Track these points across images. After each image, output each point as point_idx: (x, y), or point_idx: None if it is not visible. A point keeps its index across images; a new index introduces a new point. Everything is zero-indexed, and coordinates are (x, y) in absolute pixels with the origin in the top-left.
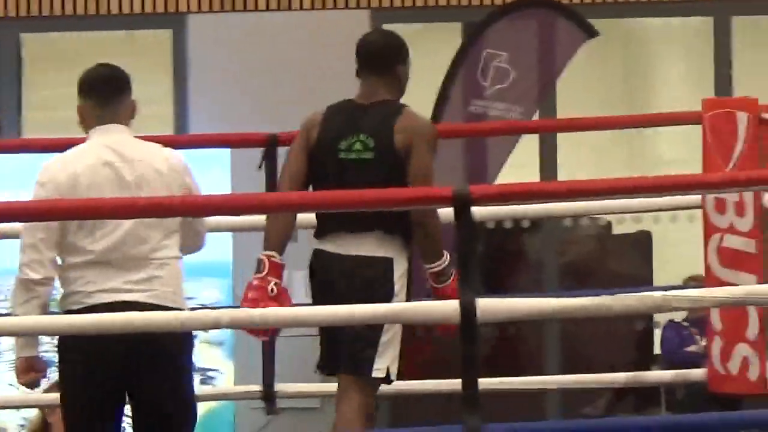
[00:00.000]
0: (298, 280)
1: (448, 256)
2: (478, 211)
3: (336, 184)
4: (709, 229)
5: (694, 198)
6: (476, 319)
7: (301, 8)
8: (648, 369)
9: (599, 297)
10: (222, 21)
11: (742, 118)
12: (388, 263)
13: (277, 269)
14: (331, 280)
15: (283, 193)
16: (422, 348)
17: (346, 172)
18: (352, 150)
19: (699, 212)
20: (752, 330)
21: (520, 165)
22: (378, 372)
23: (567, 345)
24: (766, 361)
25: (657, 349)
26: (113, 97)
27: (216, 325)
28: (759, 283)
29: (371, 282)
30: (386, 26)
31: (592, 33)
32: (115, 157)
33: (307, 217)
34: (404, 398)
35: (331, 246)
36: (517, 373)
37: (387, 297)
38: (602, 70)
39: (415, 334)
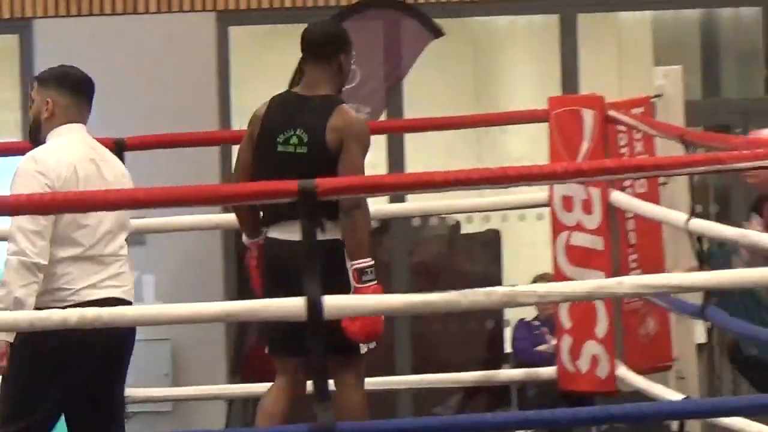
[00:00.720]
0: (148, 283)
1: (371, 259)
2: None
3: (274, 175)
4: (556, 227)
5: (542, 196)
6: (322, 316)
7: (147, 12)
8: (499, 368)
9: (447, 293)
10: (68, 25)
11: (588, 115)
12: (337, 243)
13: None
14: (283, 265)
15: (127, 190)
16: None
17: (282, 164)
18: (289, 143)
19: (547, 210)
20: (601, 328)
21: (368, 165)
22: (364, 348)
23: (418, 345)
24: (616, 360)
25: (508, 348)
26: (90, 100)
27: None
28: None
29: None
30: (233, 29)
31: (437, 32)
32: (96, 155)
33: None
34: (258, 400)
35: (278, 233)
36: (369, 374)
37: (343, 275)
38: (450, 70)
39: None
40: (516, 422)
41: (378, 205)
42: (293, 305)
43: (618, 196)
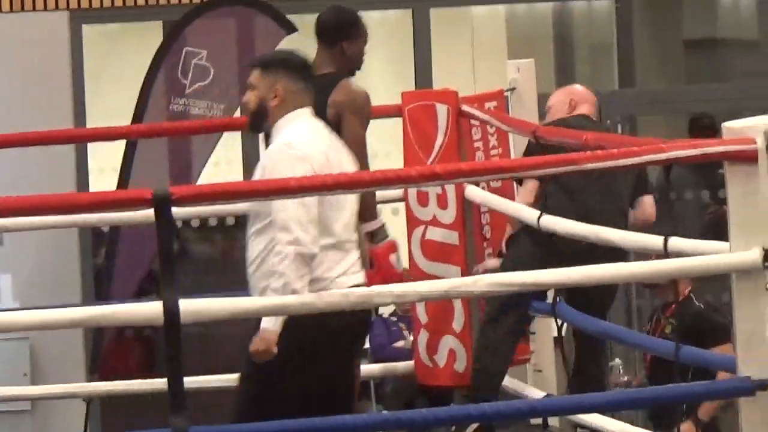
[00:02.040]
0: (5, 283)
1: (383, 218)
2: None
3: None
4: (411, 222)
5: (397, 192)
6: (179, 320)
7: (0, 11)
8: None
9: (303, 295)
10: None
11: (442, 110)
12: None
13: None
14: None
15: None
16: (132, 346)
17: None
18: None
19: (402, 205)
20: (458, 322)
21: (225, 162)
22: None
23: None
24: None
25: (365, 344)
26: (312, 85)
27: None
28: (463, 274)
29: None
30: (86, 27)
31: (290, 29)
32: (329, 139)
33: None
34: (116, 398)
35: None
36: (227, 371)
37: None
38: None
39: (123, 334)
40: (374, 424)
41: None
42: (150, 310)
43: (473, 191)
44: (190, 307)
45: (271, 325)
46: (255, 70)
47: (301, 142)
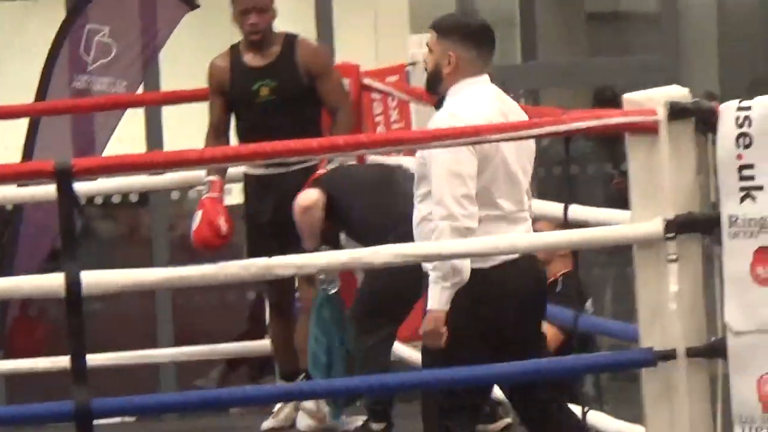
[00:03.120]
0: None
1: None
2: (85, 186)
3: None
4: None
5: None
6: (81, 292)
7: None
8: (261, 339)
9: (203, 266)
10: None
11: (344, 83)
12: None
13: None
14: None
15: None
16: (36, 325)
17: None
18: None
19: None
20: None
21: (129, 139)
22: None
23: (179, 317)
24: None
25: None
26: (493, 46)
27: None
28: None
29: None
30: None
31: (192, 4)
32: (505, 107)
33: None
34: (21, 377)
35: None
36: (130, 347)
37: None
38: (208, 41)
39: (27, 312)
40: (278, 395)
41: (134, 179)
42: (52, 282)
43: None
44: (92, 278)
45: (436, 305)
46: (432, 33)
47: (466, 110)
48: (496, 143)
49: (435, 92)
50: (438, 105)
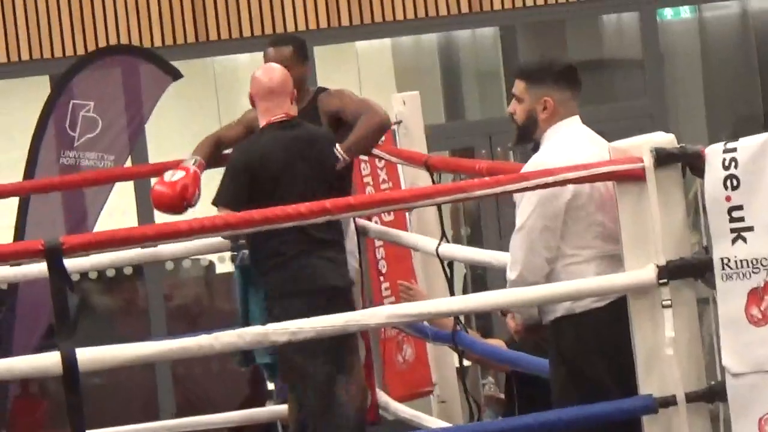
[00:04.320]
0: None
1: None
2: (78, 262)
3: None
4: None
5: None
6: (77, 369)
7: None
8: (263, 405)
9: (200, 337)
10: None
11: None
12: None
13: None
14: None
15: None
16: (38, 403)
17: None
18: None
19: None
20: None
21: (120, 212)
22: None
23: (181, 387)
24: (377, 389)
25: (271, 385)
26: (580, 86)
27: None
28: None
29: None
30: None
31: (175, 75)
32: (600, 151)
33: None
34: None
35: None
36: (133, 420)
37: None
38: (194, 110)
39: (28, 390)
40: None
41: (126, 252)
42: (48, 360)
43: (368, 226)
44: (88, 355)
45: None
46: (520, 83)
47: (558, 158)
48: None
49: (527, 142)
50: (535, 149)
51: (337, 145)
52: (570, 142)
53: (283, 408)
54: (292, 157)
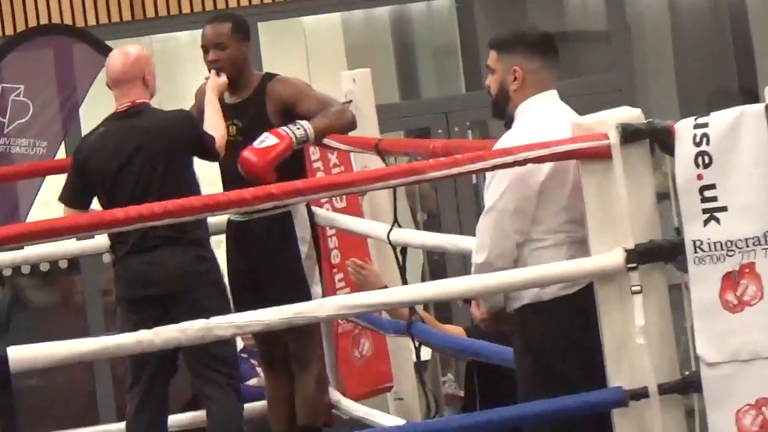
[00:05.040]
0: None
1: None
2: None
3: None
4: None
5: None
6: (8, 368)
7: None
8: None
9: (139, 332)
10: None
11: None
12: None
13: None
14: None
15: None
16: None
17: None
18: None
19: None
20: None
21: (57, 201)
22: None
23: (121, 389)
24: (330, 387)
25: None
26: (558, 57)
27: None
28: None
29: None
30: None
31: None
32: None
33: None
34: None
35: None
36: (70, 424)
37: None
38: None
39: None
40: None
41: (61, 244)
42: None
43: (318, 212)
44: (20, 354)
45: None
46: (492, 52)
47: (527, 136)
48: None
49: (502, 117)
50: (507, 126)
51: (306, 122)
52: (542, 119)
53: None
54: (125, 151)
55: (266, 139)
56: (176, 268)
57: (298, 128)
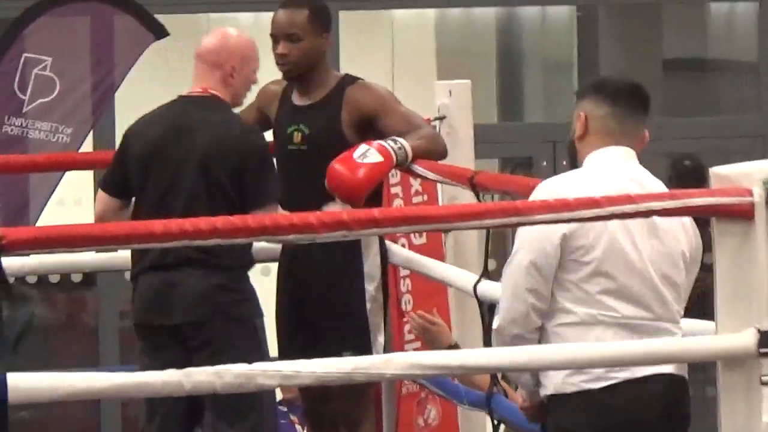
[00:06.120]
0: None
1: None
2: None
3: None
4: None
5: None
6: (7, 399)
7: None
8: None
9: (167, 372)
10: None
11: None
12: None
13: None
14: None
15: None
16: None
17: None
18: None
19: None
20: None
21: (74, 201)
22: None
23: (129, 426)
24: None
25: None
26: (636, 113)
27: None
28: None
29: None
30: None
31: (160, 32)
32: (638, 188)
33: None
34: None
35: None
36: None
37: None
38: (179, 77)
39: None
40: None
41: (78, 255)
42: None
43: (392, 248)
44: (20, 383)
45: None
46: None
47: (560, 188)
48: (604, 230)
49: (574, 165)
50: None
51: (405, 142)
52: (592, 172)
53: None
54: (168, 139)
55: (369, 155)
56: (191, 295)
57: (399, 147)
